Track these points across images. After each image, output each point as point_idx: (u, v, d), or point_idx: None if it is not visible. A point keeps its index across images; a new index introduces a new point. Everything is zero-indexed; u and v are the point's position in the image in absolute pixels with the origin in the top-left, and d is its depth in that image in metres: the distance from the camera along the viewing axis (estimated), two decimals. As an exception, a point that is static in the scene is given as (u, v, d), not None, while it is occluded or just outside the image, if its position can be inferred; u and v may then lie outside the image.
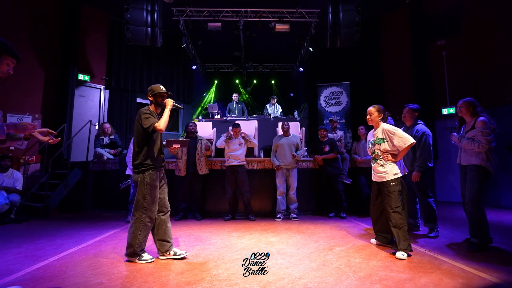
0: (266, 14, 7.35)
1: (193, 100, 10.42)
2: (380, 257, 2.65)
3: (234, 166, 4.55)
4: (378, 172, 2.85)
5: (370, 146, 2.94)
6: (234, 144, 4.65)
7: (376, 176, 2.88)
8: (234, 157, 4.56)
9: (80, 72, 6.92)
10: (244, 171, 4.59)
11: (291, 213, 4.58)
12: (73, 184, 5.48)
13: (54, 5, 6.54)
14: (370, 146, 2.94)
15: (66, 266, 2.49)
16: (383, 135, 2.80)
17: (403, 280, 2.12)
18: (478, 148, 2.81)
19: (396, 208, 2.70)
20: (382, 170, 2.80)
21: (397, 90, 7.67)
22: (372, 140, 2.92)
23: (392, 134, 2.74)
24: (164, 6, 6.80)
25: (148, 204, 2.55)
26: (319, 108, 7.98)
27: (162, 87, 2.72)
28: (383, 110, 2.93)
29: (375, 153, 2.87)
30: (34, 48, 6.11)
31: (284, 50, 9.89)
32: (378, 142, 2.83)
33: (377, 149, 2.84)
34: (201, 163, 4.63)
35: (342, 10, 6.57)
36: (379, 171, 2.83)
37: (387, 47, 8.01)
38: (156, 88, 2.72)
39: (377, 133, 2.87)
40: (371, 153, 2.95)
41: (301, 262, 2.52)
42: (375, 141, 2.87)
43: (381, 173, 2.81)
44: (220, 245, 3.09)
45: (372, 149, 2.90)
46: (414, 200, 3.64)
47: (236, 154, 4.58)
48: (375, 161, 2.87)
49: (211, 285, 2.05)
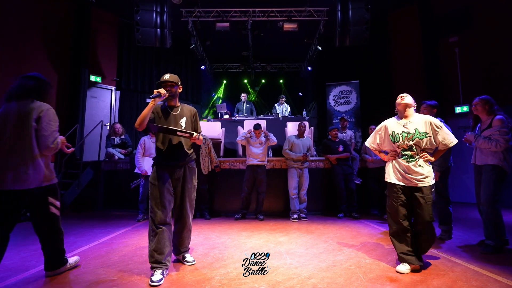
0: (274, 14, 7.33)
1: (201, 100, 10.50)
2: (391, 258, 2.61)
3: (254, 165, 4.56)
4: (415, 174, 2.28)
5: (401, 139, 2.33)
6: (255, 143, 4.65)
7: (412, 180, 2.28)
8: (255, 156, 4.57)
9: (92, 73, 7.06)
10: (264, 171, 4.59)
11: (300, 213, 4.56)
12: (86, 184, 5.60)
13: (65, 8, 6.69)
14: (401, 139, 2.33)
15: (79, 263, 2.55)
16: (426, 128, 2.28)
17: (415, 282, 2.08)
18: (495, 147, 2.73)
19: (432, 217, 2.27)
20: (421, 171, 2.27)
21: (408, 89, 7.45)
22: (403, 133, 2.33)
23: (439, 128, 2.28)
24: (173, 7, 6.87)
25: (151, 204, 2.25)
26: (328, 108, 7.91)
27: (165, 76, 2.35)
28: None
29: (413, 149, 2.30)
30: (46, 52, 6.26)
31: (292, 49, 9.85)
32: (419, 137, 2.27)
33: (417, 145, 2.29)
34: (205, 163, 4.64)
35: (351, 8, 6.50)
36: (417, 173, 2.27)
37: (397, 45, 7.87)
38: (161, 78, 2.36)
39: (414, 124, 2.31)
40: (404, 148, 2.34)
41: (310, 262, 2.50)
42: (412, 134, 2.29)
43: (420, 176, 2.26)
44: (229, 244, 3.10)
45: (407, 144, 2.31)
46: None
47: (256, 153, 4.59)
48: (412, 160, 2.30)
49: (221, 284, 2.06)
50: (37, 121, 2.03)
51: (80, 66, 6.67)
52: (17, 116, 2.02)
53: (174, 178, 2.35)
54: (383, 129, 2.50)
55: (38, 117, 2.04)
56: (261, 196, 4.59)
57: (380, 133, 2.51)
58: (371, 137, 2.61)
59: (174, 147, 2.35)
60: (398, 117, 2.45)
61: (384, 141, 2.49)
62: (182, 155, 2.39)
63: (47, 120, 2.07)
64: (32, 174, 2.01)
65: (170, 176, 2.33)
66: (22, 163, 1.99)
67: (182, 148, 2.38)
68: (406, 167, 2.31)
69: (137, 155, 4.52)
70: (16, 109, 2.04)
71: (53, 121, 2.12)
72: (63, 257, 2.32)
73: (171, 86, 2.35)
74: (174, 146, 2.35)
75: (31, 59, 5.99)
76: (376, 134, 2.55)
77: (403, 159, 2.33)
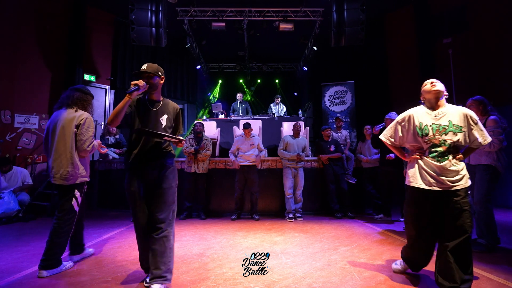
0: (270, 14, 7.34)
1: (197, 99, 10.46)
2: (385, 257, 2.63)
3: (245, 166, 4.56)
4: (450, 175, 1.86)
5: (432, 132, 1.91)
6: (245, 145, 4.65)
7: (446, 182, 1.86)
8: (245, 157, 4.57)
9: (86, 72, 6.99)
10: (255, 171, 4.59)
11: (295, 213, 4.57)
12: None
13: (60, 7, 6.61)
14: (432, 132, 1.91)
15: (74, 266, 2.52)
16: (462, 121, 1.90)
17: (409, 281, 2.10)
18: (489, 147, 2.76)
19: (471, 227, 1.83)
20: (455, 170, 1.86)
21: (403, 89, 7.59)
22: (434, 125, 1.92)
23: (475, 123, 1.91)
24: (168, 6, 6.83)
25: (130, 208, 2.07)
26: (324, 108, 7.95)
27: (143, 66, 2.07)
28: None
29: (446, 144, 1.88)
30: (40, 49, 6.18)
31: (288, 49, 9.87)
32: (453, 130, 1.87)
33: (450, 140, 1.88)
34: (204, 163, 4.65)
35: (347, 8, 6.53)
36: (452, 173, 1.86)
37: (392, 46, 7.94)
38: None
39: (448, 115, 1.93)
40: (434, 144, 1.91)
41: (305, 262, 2.51)
42: (445, 127, 1.89)
43: (456, 177, 1.86)
44: (224, 244, 3.10)
45: (439, 138, 1.90)
46: None
47: (247, 154, 4.58)
48: (444, 158, 1.88)
49: (216, 284, 2.06)
50: (77, 127, 2.44)
51: (74, 65, 6.59)
52: (64, 121, 2.43)
53: (147, 180, 2.04)
54: (407, 119, 2.04)
55: (79, 124, 2.45)
56: (254, 196, 4.59)
57: (404, 124, 2.06)
58: (388, 130, 2.16)
59: (149, 146, 2.03)
60: (427, 106, 2.04)
61: (408, 135, 2.04)
62: (157, 154, 2.06)
63: (86, 127, 2.47)
64: (71, 172, 2.40)
65: (143, 179, 2.03)
66: (65, 162, 2.39)
67: (157, 146, 2.06)
68: (438, 167, 1.87)
69: None
70: (64, 116, 2.46)
71: (91, 127, 2.51)
72: (60, 258, 2.36)
73: (149, 78, 2.03)
74: (149, 145, 2.03)
75: (25, 57, 5.91)
76: (397, 126, 2.10)
77: (431, 157, 1.90)
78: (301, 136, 4.85)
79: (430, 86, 2.02)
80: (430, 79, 2.07)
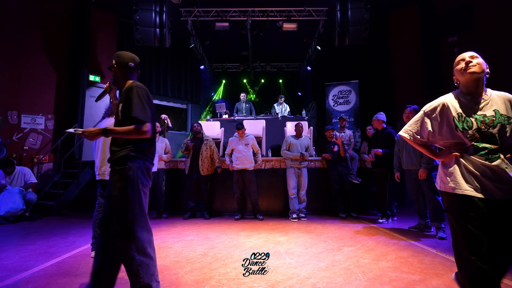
0: (274, 13, 7.33)
1: (200, 100, 10.49)
2: (390, 258, 2.61)
3: (241, 167, 4.57)
4: (505, 180, 1.38)
5: (476, 125, 1.45)
6: (240, 146, 4.65)
7: (500, 189, 1.38)
8: (241, 159, 4.57)
9: (91, 73, 7.05)
10: (251, 172, 4.59)
11: (299, 213, 4.56)
12: (85, 183, 5.59)
13: (64, 8, 6.68)
14: (476, 125, 1.45)
15: (78, 263, 2.55)
16: (508, 110, 1.45)
17: (414, 281, 2.09)
18: None
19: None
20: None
21: (407, 89, 7.53)
22: (478, 115, 1.46)
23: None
24: (172, 7, 6.86)
25: None
26: (328, 107, 7.92)
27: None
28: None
29: (494, 141, 1.42)
30: (46, 51, 6.25)
31: (291, 49, 9.85)
32: (502, 121, 1.42)
33: (501, 134, 1.42)
34: (204, 164, 4.64)
35: (351, 7, 6.50)
36: (508, 177, 1.37)
37: (397, 45, 7.87)
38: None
39: (492, 103, 1.48)
40: (478, 139, 1.44)
41: (309, 262, 2.51)
42: (493, 119, 1.43)
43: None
44: (228, 244, 3.11)
45: (486, 132, 1.43)
46: (423, 199, 3.59)
47: (242, 156, 4.58)
48: (495, 156, 1.41)
49: (220, 283, 2.06)
50: None
51: (79, 66, 6.65)
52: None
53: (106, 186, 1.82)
54: (439, 110, 1.56)
55: None
56: (253, 197, 4.58)
57: (434, 117, 1.57)
58: (412, 125, 1.67)
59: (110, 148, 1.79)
60: (463, 92, 1.55)
61: (442, 129, 1.56)
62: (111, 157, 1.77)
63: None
64: (107, 170, 2.75)
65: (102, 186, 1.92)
66: (106, 162, 2.74)
67: (111, 147, 1.79)
68: (491, 168, 1.39)
69: None
70: (105, 123, 2.78)
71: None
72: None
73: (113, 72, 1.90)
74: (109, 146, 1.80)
75: (31, 58, 5.98)
76: (425, 118, 1.61)
77: (479, 155, 1.43)
78: (304, 136, 4.84)
79: (466, 62, 1.49)
80: (466, 53, 1.53)
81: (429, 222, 3.60)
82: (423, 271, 2.28)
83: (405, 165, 3.69)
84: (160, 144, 4.74)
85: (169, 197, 5.02)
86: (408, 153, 3.59)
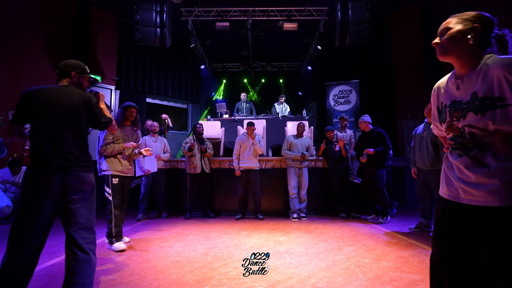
0: (274, 13, 7.32)
1: (201, 99, 10.50)
2: (390, 257, 2.61)
3: (247, 166, 4.57)
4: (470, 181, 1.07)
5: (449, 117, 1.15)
6: (247, 145, 4.65)
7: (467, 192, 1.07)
8: (247, 157, 4.57)
9: (92, 73, 7.05)
10: (256, 171, 4.60)
11: (300, 213, 4.56)
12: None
13: (65, 8, 6.68)
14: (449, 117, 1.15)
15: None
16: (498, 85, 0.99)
17: (415, 281, 2.09)
18: None
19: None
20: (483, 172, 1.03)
21: (408, 88, 7.53)
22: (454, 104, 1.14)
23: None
24: (172, 7, 6.86)
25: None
26: (328, 107, 7.92)
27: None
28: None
29: (464, 135, 1.09)
30: (47, 51, 6.26)
31: (292, 48, 9.83)
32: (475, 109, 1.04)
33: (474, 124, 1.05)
34: (206, 163, 4.72)
35: (351, 7, 6.50)
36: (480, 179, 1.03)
37: (397, 45, 7.87)
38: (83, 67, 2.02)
39: (474, 82, 1.07)
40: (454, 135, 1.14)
41: (310, 262, 2.51)
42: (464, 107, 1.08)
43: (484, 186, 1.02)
44: (229, 244, 3.11)
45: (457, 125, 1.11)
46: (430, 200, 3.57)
47: (249, 154, 4.59)
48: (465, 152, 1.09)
49: (220, 283, 2.06)
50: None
51: (79, 66, 6.66)
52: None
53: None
54: (432, 96, 1.33)
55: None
56: (257, 196, 4.59)
57: (433, 103, 1.32)
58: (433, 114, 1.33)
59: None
60: (455, 73, 1.19)
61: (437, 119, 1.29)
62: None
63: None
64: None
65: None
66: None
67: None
68: (459, 168, 1.11)
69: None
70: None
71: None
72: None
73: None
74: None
75: (32, 59, 5.99)
76: (432, 106, 1.33)
77: (452, 151, 1.15)
78: (305, 136, 4.84)
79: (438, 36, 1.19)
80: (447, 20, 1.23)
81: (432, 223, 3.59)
82: (424, 271, 2.27)
83: (417, 163, 3.64)
84: (159, 144, 4.74)
85: (169, 197, 5.03)
86: (421, 151, 3.52)
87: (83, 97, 1.84)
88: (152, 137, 4.69)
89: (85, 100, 1.83)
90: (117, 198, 3.06)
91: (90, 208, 1.75)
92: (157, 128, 4.81)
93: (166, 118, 5.66)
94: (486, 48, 1.10)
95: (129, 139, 3.20)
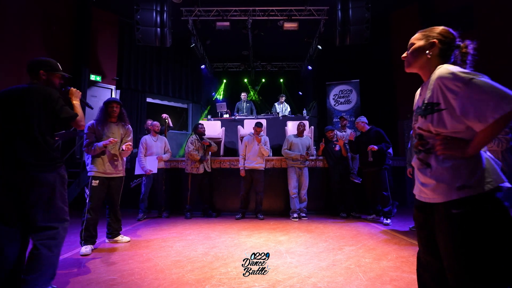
0: (275, 13, 7.32)
1: (201, 99, 10.50)
2: (391, 257, 2.61)
3: (252, 166, 4.57)
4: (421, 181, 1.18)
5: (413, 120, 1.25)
6: (253, 145, 4.65)
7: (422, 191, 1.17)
8: (253, 158, 4.58)
9: (92, 73, 7.06)
10: (261, 171, 4.60)
11: (300, 212, 4.56)
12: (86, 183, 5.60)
13: (65, 7, 6.68)
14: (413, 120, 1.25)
15: (79, 262, 2.56)
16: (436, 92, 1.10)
17: (415, 281, 2.07)
18: (497, 146, 2.76)
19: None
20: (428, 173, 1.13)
21: (408, 88, 7.49)
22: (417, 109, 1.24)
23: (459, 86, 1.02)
24: (173, 7, 6.87)
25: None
26: (328, 107, 7.92)
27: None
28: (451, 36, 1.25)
29: (417, 138, 1.21)
30: (47, 50, 6.26)
31: (292, 48, 9.83)
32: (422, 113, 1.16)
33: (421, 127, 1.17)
34: (209, 163, 4.78)
35: (352, 7, 6.50)
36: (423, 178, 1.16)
37: (398, 44, 7.86)
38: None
39: (427, 88, 1.16)
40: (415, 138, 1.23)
41: (310, 262, 2.51)
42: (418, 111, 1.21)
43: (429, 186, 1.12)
44: (229, 244, 3.11)
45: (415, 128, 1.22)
46: None
47: (254, 155, 4.59)
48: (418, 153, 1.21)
49: (221, 283, 2.07)
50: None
51: (80, 66, 6.66)
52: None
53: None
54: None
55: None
56: (259, 196, 4.59)
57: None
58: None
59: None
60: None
61: None
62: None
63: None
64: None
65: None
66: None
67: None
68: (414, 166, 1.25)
69: (139, 155, 4.52)
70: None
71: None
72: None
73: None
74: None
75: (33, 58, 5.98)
76: None
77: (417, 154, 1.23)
78: (305, 136, 4.84)
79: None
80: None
81: None
82: (424, 271, 2.28)
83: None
84: (160, 143, 4.74)
85: (169, 197, 5.03)
86: None
87: (43, 94, 1.83)
88: (153, 137, 4.70)
89: (45, 97, 1.82)
90: (93, 201, 2.97)
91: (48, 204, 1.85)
92: (158, 128, 4.82)
93: (166, 117, 5.66)
94: (447, 60, 1.22)
95: (115, 136, 3.04)
